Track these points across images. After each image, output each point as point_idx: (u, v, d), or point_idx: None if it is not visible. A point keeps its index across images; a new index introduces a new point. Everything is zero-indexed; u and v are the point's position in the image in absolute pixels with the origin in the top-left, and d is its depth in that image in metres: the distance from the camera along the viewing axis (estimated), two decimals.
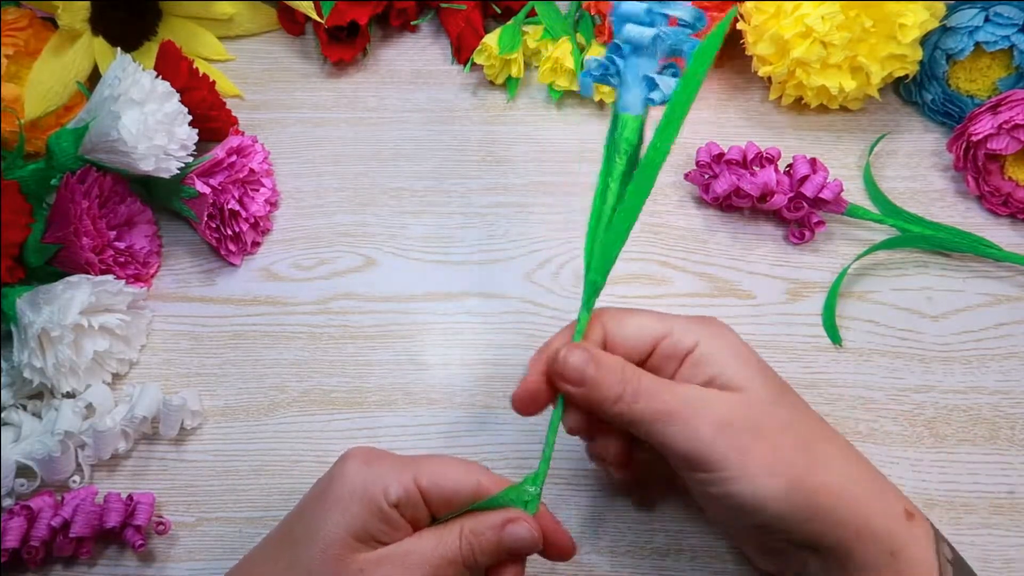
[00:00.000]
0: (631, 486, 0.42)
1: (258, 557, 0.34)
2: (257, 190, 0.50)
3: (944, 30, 0.51)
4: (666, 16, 0.32)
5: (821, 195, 0.48)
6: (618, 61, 0.33)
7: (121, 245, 0.47)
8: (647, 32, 0.32)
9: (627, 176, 0.34)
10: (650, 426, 0.32)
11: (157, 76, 0.46)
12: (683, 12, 0.32)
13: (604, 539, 0.41)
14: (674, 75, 0.33)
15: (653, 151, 0.33)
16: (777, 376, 0.35)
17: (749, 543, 0.37)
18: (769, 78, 0.54)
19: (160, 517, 0.41)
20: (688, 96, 0.32)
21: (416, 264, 0.50)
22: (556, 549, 0.34)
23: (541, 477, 0.34)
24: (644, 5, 0.32)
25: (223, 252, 0.49)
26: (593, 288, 0.34)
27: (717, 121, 0.55)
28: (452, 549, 0.32)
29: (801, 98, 0.54)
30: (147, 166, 0.44)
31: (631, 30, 0.32)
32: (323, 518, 0.32)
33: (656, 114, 0.33)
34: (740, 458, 0.31)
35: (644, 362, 0.35)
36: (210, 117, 0.50)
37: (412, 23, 0.59)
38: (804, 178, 0.48)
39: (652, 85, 0.33)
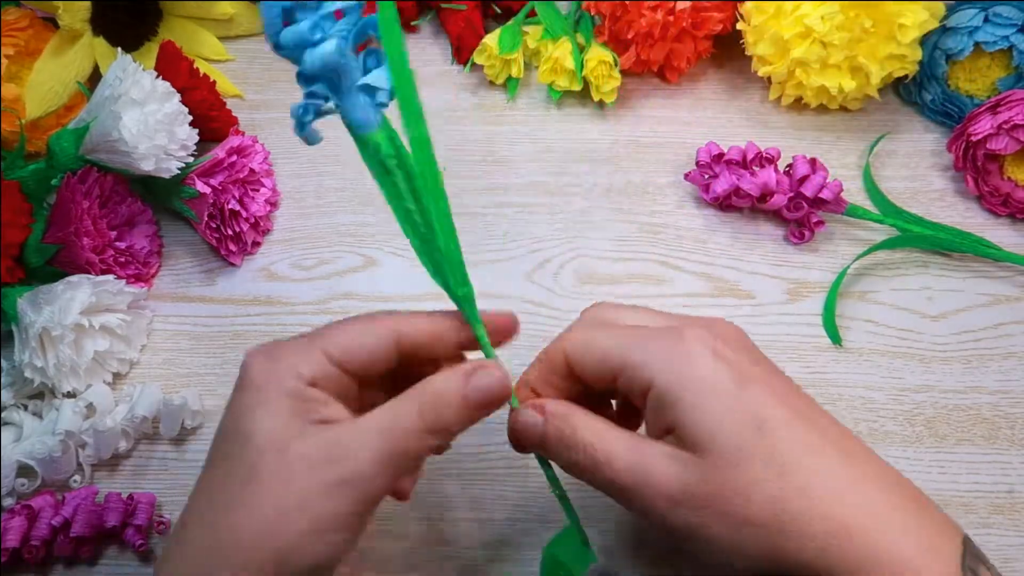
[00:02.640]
0: None
1: (197, 489, 0.30)
2: (257, 190, 0.50)
3: (944, 30, 0.51)
4: (331, 15, 0.28)
5: (821, 195, 0.48)
6: (319, 91, 0.29)
7: (121, 245, 0.47)
8: (328, 49, 0.28)
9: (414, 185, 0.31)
10: (614, 493, 0.30)
11: (157, 76, 0.46)
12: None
13: (604, 539, 0.41)
14: (378, 61, 0.30)
15: (415, 144, 0.30)
16: (765, 381, 0.30)
17: None
18: (769, 78, 0.54)
19: (160, 517, 0.41)
20: (404, 70, 0.29)
21: (416, 264, 0.49)
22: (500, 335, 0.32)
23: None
24: (305, 24, 0.27)
25: (223, 252, 0.49)
26: (466, 301, 0.31)
27: (717, 121, 0.55)
28: (410, 417, 0.29)
29: (801, 98, 0.54)
30: (147, 166, 0.44)
31: (311, 58, 0.28)
32: (248, 421, 0.29)
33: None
34: (702, 533, 0.28)
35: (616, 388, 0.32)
36: (210, 117, 0.50)
37: (412, 23, 0.59)
38: (804, 178, 0.48)
39: (369, 90, 0.30)
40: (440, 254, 0.31)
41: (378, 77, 0.29)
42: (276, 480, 0.27)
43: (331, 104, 0.30)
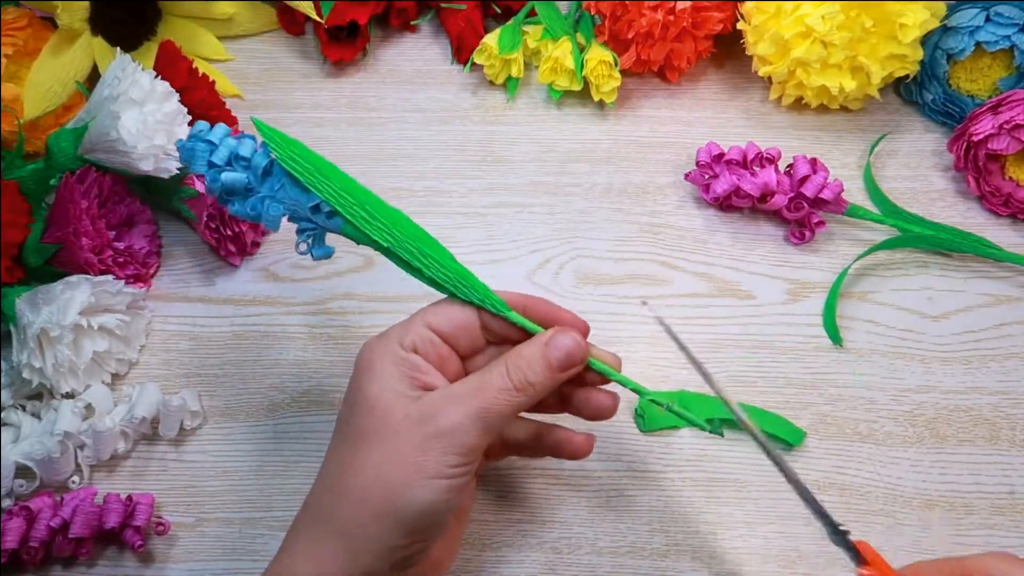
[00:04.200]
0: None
1: (326, 454, 0.35)
2: None
3: (945, 30, 0.51)
4: (236, 151, 0.35)
5: (821, 195, 0.48)
6: (304, 225, 0.35)
7: (120, 245, 0.47)
8: (239, 180, 0.35)
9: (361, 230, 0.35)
10: None
11: (157, 76, 0.46)
12: (227, 145, 0.35)
13: (604, 539, 0.41)
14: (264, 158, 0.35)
15: (357, 227, 0.35)
16: None
17: None
18: (769, 78, 0.54)
19: (159, 518, 0.41)
20: (293, 155, 0.34)
21: None
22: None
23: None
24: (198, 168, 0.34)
25: (223, 252, 0.49)
26: (495, 305, 0.35)
27: (717, 121, 0.55)
28: (500, 377, 0.33)
29: (801, 98, 0.54)
30: (146, 166, 0.44)
31: (229, 180, 0.34)
32: (358, 388, 0.33)
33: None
34: None
35: None
36: (210, 117, 0.50)
37: (412, 23, 0.59)
38: (804, 178, 0.48)
39: (324, 213, 0.35)
40: (463, 283, 0.35)
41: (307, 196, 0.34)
42: (382, 438, 0.32)
43: (315, 226, 0.35)
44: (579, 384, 0.36)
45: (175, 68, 0.48)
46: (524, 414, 0.35)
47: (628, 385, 0.36)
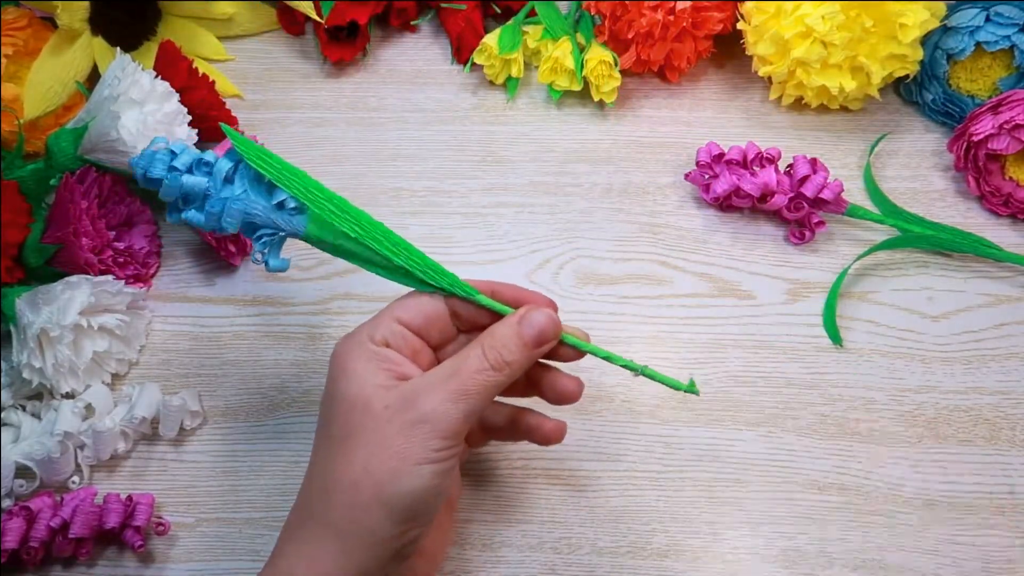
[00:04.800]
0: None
1: (310, 458, 0.35)
2: None
3: (945, 30, 0.51)
4: (199, 157, 0.35)
5: (821, 195, 0.48)
6: (263, 233, 0.35)
7: (120, 245, 0.47)
8: (200, 184, 0.34)
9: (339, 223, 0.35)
10: None
11: (157, 76, 0.46)
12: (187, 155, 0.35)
13: (604, 539, 0.41)
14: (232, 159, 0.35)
15: (319, 227, 0.35)
16: None
17: None
18: (769, 78, 0.54)
19: (159, 518, 0.41)
20: (281, 170, 0.34)
21: None
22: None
23: None
24: (153, 169, 0.34)
25: (223, 252, 0.49)
26: (458, 286, 0.35)
27: (717, 121, 0.55)
28: (476, 358, 0.33)
29: (801, 98, 0.54)
30: None
31: (189, 183, 0.34)
32: (336, 389, 0.34)
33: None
34: None
35: None
36: (210, 117, 0.50)
37: (412, 23, 0.59)
38: (804, 178, 0.48)
39: (284, 210, 0.35)
40: (414, 272, 0.35)
41: (282, 197, 0.34)
42: (365, 431, 0.32)
43: (275, 232, 0.35)
44: (549, 365, 0.37)
45: (175, 68, 0.48)
46: (499, 398, 0.35)
47: (599, 354, 0.36)
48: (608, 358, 0.36)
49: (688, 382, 0.36)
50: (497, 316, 0.35)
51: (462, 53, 0.57)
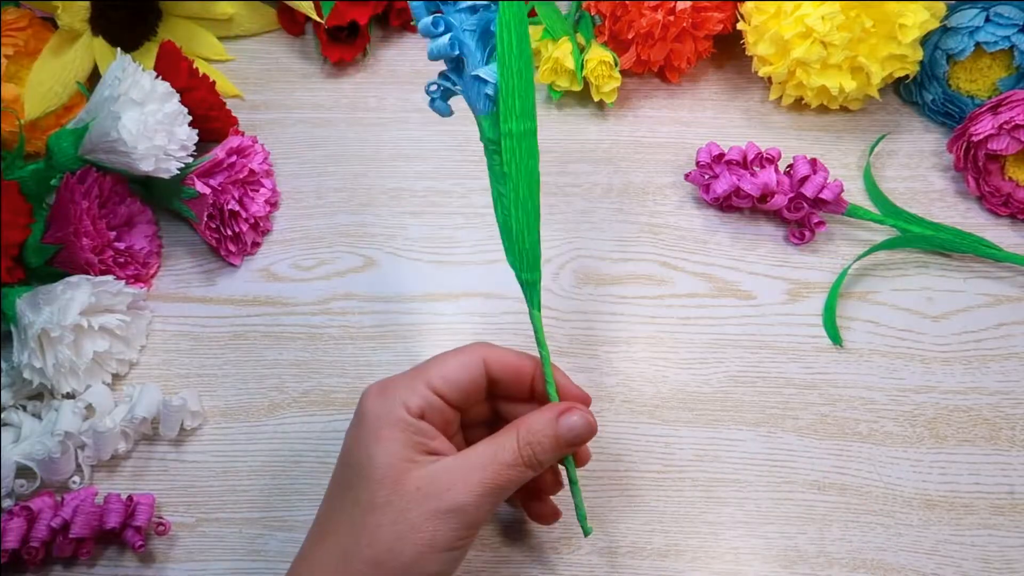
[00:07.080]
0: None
1: (325, 514, 0.35)
2: (257, 190, 0.50)
3: (944, 30, 0.51)
4: (467, 10, 0.33)
5: (821, 195, 0.48)
6: (448, 73, 0.34)
7: (121, 245, 0.47)
8: (442, 42, 0.33)
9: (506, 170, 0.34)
10: None
11: (157, 76, 0.46)
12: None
13: (604, 539, 0.41)
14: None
15: (505, 137, 0.34)
16: None
17: None
18: (769, 78, 0.54)
19: (160, 518, 0.41)
20: (510, 68, 0.32)
21: (416, 264, 0.50)
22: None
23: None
24: (428, 19, 0.32)
25: (223, 252, 0.49)
26: (527, 286, 0.35)
27: (717, 121, 0.55)
28: (511, 453, 0.33)
29: (801, 98, 0.54)
30: (147, 166, 0.44)
31: (431, 47, 0.33)
32: (366, 455, 0.33)
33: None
34: None
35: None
36: (210, 117, 0.50)
37: (412, 23, 0.59)
38: (804, 178, 0.48)
39: (480, 82, 0.33)
40: (513, 237, 0.34)
41: (487, 71, 0.33)
42: (393, 509, 0.32)
43: (458, 87, 0.34)
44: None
45: (175, 68, 0.48)
46: None
47: (574, 485, 0.37)
48: (575, 494, 0.37)
49: (586, 528, 0.38)
50: (526, 389, 0.36)
51: None
